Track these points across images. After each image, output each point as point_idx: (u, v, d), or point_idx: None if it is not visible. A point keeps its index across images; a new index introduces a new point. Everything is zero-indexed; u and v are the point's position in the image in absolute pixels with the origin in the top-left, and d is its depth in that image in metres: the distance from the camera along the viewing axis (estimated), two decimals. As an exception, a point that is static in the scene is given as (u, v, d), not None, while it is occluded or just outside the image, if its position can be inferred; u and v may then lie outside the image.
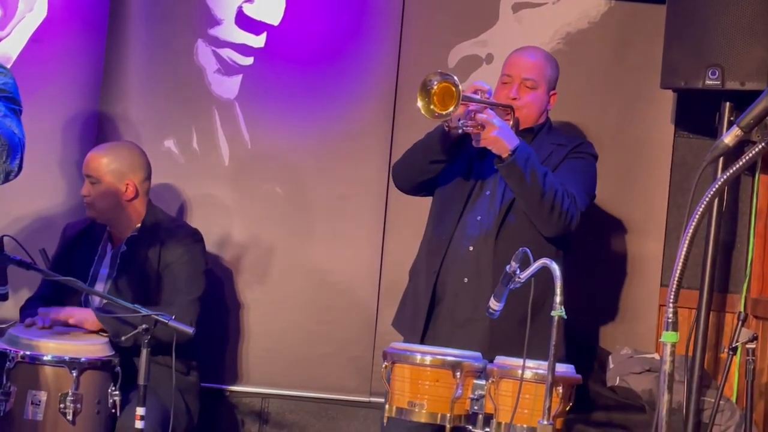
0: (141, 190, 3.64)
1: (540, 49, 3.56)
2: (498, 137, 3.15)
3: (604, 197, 3.95)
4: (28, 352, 3.28)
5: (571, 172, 3.33)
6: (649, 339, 3.88)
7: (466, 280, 3.32)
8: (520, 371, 2.76)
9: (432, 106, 3.10)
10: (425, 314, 3.35)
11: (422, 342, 3.31)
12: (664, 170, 3.94)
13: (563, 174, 3.31)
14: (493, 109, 3.21)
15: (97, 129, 4.07)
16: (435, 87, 3.10)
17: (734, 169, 2.01)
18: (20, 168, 2.68)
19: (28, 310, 3.62)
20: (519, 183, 3.17)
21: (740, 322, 3.52)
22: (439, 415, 2.84)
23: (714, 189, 2.02)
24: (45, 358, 3.27)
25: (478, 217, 3.33)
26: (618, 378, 3.70)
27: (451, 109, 3.07)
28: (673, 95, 3.89)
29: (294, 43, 4.05)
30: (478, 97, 3.18)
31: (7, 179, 2.65)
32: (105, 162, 3.62)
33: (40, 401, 3.24)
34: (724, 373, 3.50)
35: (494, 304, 2.96)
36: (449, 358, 2.87)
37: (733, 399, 3.72)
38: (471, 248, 3.32)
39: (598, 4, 3.97)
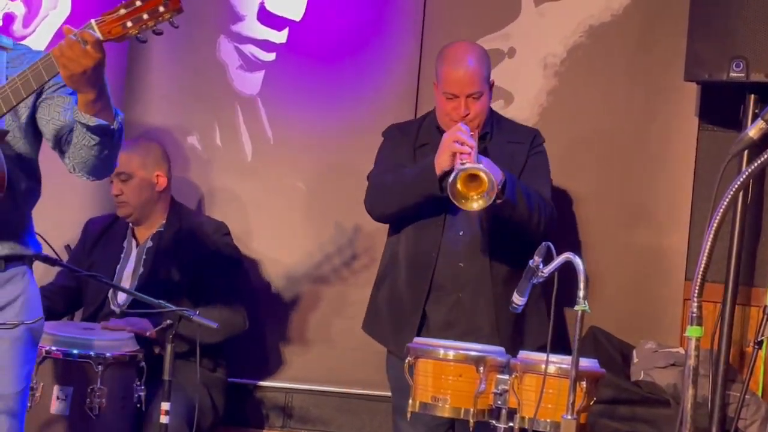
0: (170, 181, 3.69)
1: (470, 49, 3.40)
2: None
3: (628, 190, 3.95)
4: (54, 348, 3.31)
5: (536, 171, 3.40)
6: (674, 333, 3.86)
7: (460, 295, 3.34)
8: (543, 366, 2.75)
9: (470, 193, 3.09)
10: (415, 331, 3.33)
11: None
12: (688, 163, 3.91)
13: (530, 175, 3.37)
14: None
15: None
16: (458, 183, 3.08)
17: (759, 161, 2.00)
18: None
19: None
20: (511, 213, 3.21)
21: (766, 316, 3.50)
22: (462, 410, 2.84)
23: (739, 182, 2.01)
24: (72, 353, 3.31)
25: (460, 232, 3.34)
26: (642, 372, 3.68)
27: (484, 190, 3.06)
28: (697, 87, 3.86)
29: (316, 39, 4.06)
30: (468, 147, 3.15)
31: (111, 172, 2.61)
32: (133, 156, 3.66)
33: (66, 396, 3.27)
34: (750, 367, 3.48)
35: (517, 299, 2.96)
36: (472, 353, 2.86)
37: (759, 393, 3.70)
38: (461, 264, 3.33)
39: (622, -3, 3.95)
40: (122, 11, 2.20)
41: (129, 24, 2.20)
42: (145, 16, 2.19)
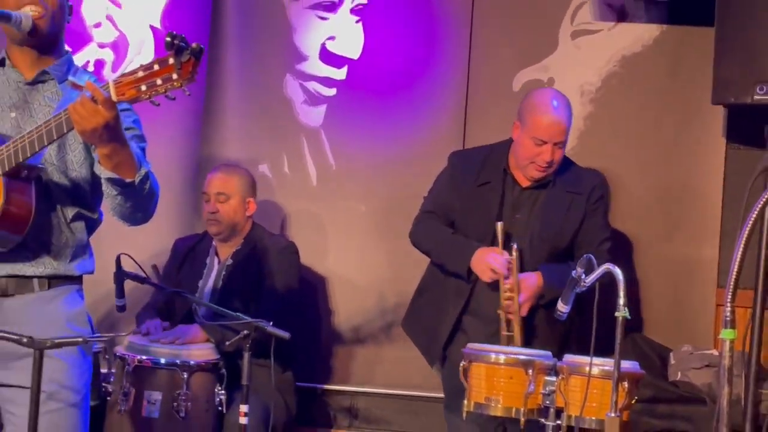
0: (256, 207, 3.74)
1: (561, 99, 3.34)
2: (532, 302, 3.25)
3: (662, 206, 3.91)
4: (144, 357, 3.36)
5: (594, 230, 3.36)
6: (708, 336, 3.81)
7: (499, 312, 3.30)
8: (588, 368, 2.74)
9: None
10: (444, 341, 3.37)
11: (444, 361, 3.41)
12: (717, 180, 3.87)
13: (589, 234, 3.35)
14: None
15: (198, 156, 4.15)
16: None
17: (785, 177, 1.98)
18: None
19: (143, 317, 3.70)
20: None
21: (794, 320, 3.44)
22: (513, 409, 2.84)
23: (766, 196, 1.99)
24: (160, 362, 3.36)
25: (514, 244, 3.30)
26: (679, 373, 3.64)
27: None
28: (724, 110, 3.82)
29: (372, 75, 4.08)
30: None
31: (145, 222, 2.49)
32: (233, 180, 3.71)
33: (155, 401, 3.32)
34: (780, 368, 3.41)
35: (562, 307, 2.95)
36: (522, 357, 2.86)
37: (789, 392, 3.63)
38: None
39: (651, 29, 3.92)
40: (140, 73, 2.09)
41: (143, 88, 2.09)
42: (159, 82, 2.07)
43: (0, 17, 2.35)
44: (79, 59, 4.12)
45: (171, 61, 2.05)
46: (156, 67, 2.08)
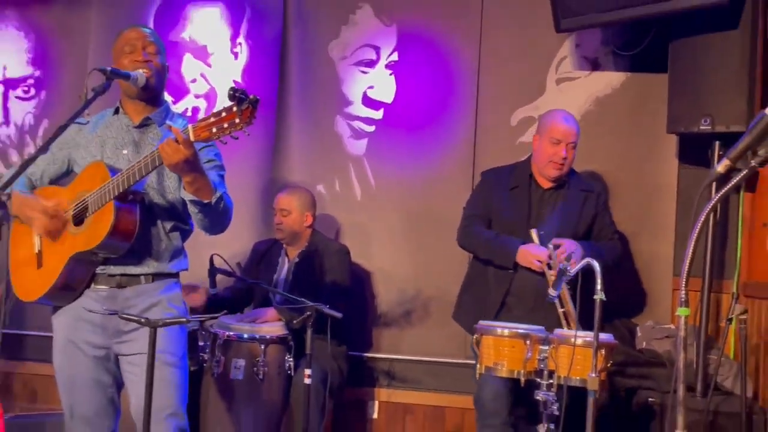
0: (314, 218, 3.76)
1: (570, 114, 3.38)
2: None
3: (629, 214, 3.88)
4: (232, 333, 3.39)
5: (608, 225, 3.41)
6: (666, 314, 3.78)
7: (536, 298, 3.23)
8: (573, 339, 2.73)
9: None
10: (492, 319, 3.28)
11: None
12: (672, 192, 3.84)
13: (602, 225, 3.38)
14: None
15: (270, 179, 4.18)
16: None
17: (725, 189, 1.97)
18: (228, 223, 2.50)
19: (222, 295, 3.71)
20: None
21: (734, 300, 3.41)
22: (515, 371, 2.84)
23: (710, 205, 1.98)
24: (243, 336, 3.39)
25: (542, 232, 3.26)
26: (644, 343, 3.61)
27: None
28: (676, 138, 3.79)
29: (403, 115, 4.09)
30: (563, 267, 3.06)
31: (221, 232, 2.51)
32: (294, 199, 3.74)
33: (240, 366, 3.35)
34: (724, 338, 3.38)
35: (552, 292, 2.94)
36: (521, 331, 2.86)
37: (731, 356, 3.59)
38: (539, 278, 3.22)
39: (619, 76, 3.91)
40: (211, 119, 2.13)
41: (214, 130, 2.12)
42: (226, 125, 2.10)
43: (122, 76, 2.41)
44: (179, 107, 4.19)
45: (234, 109, 2.10)
46: (223, 114, 2.12)
